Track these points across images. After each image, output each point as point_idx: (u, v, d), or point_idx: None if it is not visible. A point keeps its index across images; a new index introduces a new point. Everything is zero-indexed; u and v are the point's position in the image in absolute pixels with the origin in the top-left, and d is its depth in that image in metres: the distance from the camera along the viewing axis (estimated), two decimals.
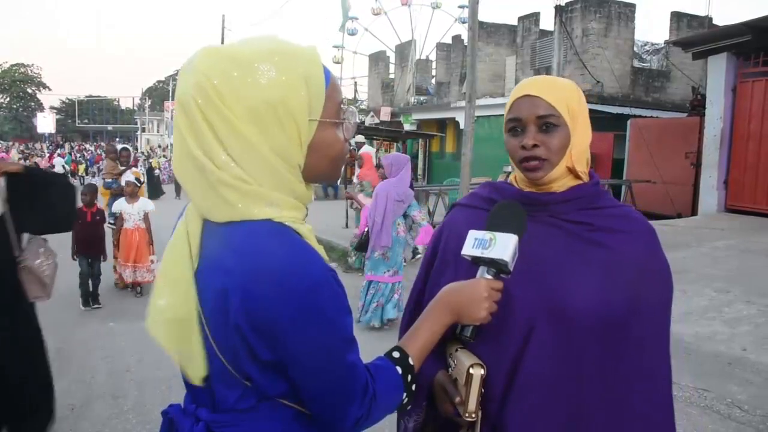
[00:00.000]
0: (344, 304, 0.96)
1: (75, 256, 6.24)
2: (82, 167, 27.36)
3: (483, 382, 1.12)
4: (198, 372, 0.99)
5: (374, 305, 5.38)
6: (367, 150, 12.92)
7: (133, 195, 6.81)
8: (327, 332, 0.93)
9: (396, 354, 1.06)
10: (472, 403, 1.12)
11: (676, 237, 8.20)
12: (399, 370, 1.04)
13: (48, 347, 2.92)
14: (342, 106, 1.03)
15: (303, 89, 0.95)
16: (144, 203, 6.87)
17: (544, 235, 1.20)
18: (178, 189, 20.27)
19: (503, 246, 1.10)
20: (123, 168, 7.78)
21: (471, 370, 1.12)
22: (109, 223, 7.14)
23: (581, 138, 1.22)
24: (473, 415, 1.12)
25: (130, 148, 8.04)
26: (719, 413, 3.56)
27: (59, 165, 25.96)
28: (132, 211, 6.75)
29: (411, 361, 1.06)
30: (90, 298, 6.28)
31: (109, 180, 7.98)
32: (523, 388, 1.15)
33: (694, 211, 11.13)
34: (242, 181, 0.93)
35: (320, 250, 0.99)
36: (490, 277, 1.12)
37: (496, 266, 1.12)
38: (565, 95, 1.21)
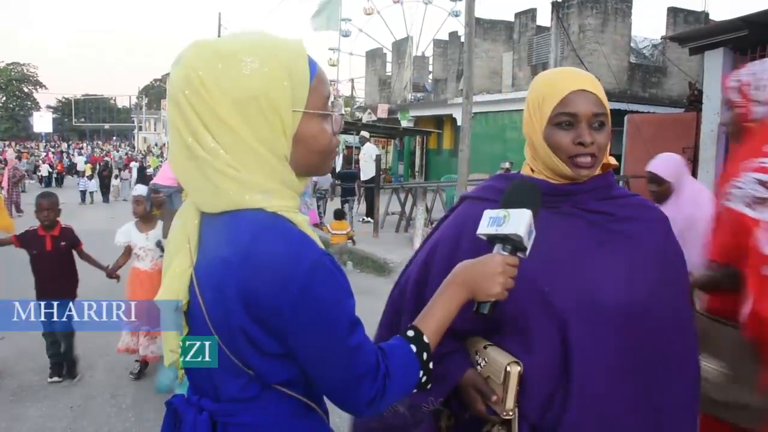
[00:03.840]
0: (343, 287, 0.97)
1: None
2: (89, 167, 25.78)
3: (520, 380, 1.12)
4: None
5: None
6: (370, 149, 12.87)
7: (147, 218, 4.20)
8: (327, 317, 0.94)
9: (410, 333, 1.06)
10: (510, 401, 1.11)
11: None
12: (413, 348, 1.04)
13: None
14: (329, 99, 1.04)
15: (286, 81, 0.97)
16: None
17: (569, 227, 1.22)
18: None
19: (517, 221, 1.09)
20: None
21: (508, 368, 1.11)
22: None
23: None
24: (510, 413, 1.12)
25: None
26: None
27: (81, 163, 25.84)
28: (147, 243, 4.16)
29: (426, 339, 1.06)
30: (64, 367, 4.22)
31: None
32: (576, 384, 1.13)
33: None
34: (233, 168, 0.96)
35: (315, 238, 1.00)
36: (505, 253, 1.11)
37: (511, 243, 1.10)
38: (604, 94, 1.22)
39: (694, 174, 11.24)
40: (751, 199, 1.54)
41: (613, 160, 1.27)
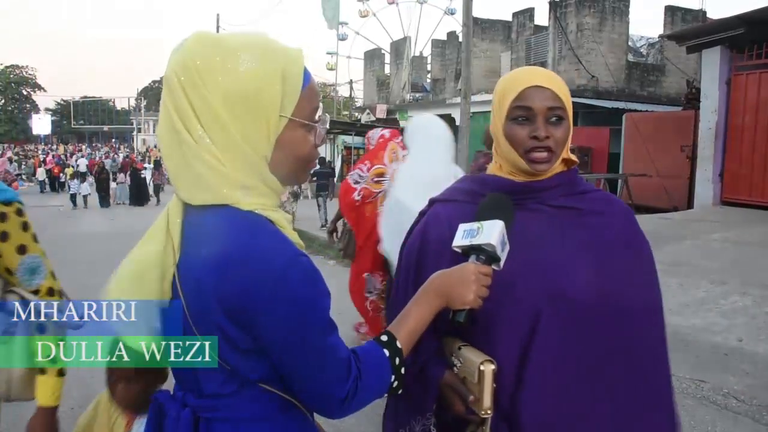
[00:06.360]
0: (319, 287, 0.98)
1: None
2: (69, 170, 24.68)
3: (495, 377, 1.13)
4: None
5: None
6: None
7: None
8: (301, 316, 0.94)
9: (384, 337, 1.07)
10: (487, 400, 1.12)
11: (672, 230, 8.22)
12: (386, 352, 1.05)
13: None
14: (317, 111, 1.06)
15: (278, 85, 0.99)
16: None
17: (537, 222, 1.23)
18: (158, 194, 19.89)
19: (489, 231, 1.13)
20: None
21: (482, 367, 1.12)
22: None
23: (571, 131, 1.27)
24: (489, 411, 1.13)
25: None
26: (716, 404, 3.59)
27: (83, 165, 25.81)
28: None
29: (399, 344, 1.07)
30: None
31: None
32: (534, 377, 1.16)
33: (689, 204, 11.15)
34: (216, 159, 0.97)
35: (293, 236, 1.01)
36: (479, 263, 1.14)
37: (485, 253, 1.13)
38: (565, 89, 1.24)
39: (693, 171, 11.26)
40: (357, 177, 3.86)
41: (573, 157, 1.29)
